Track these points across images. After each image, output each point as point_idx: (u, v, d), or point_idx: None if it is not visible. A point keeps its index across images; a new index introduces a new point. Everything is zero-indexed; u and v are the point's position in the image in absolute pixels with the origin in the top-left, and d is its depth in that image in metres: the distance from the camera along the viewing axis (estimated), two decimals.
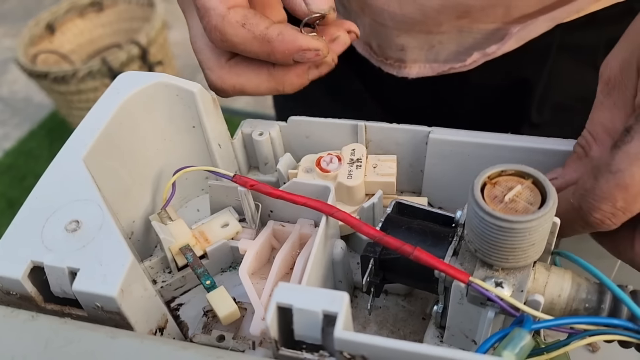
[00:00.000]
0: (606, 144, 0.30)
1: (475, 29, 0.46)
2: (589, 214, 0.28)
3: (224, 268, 0.37)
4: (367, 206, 0.35)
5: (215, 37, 0.33)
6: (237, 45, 0.33)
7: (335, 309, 0.23)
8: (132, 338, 0.25)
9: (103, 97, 0.35)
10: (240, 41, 0.33)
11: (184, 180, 0.40)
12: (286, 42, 0.33)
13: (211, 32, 0.33)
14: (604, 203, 0.27)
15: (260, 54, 0.34)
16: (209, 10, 0.32)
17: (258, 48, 0.33)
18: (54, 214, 0.29)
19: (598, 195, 0.27)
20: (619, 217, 0.27)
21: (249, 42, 0.33)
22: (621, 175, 0.26)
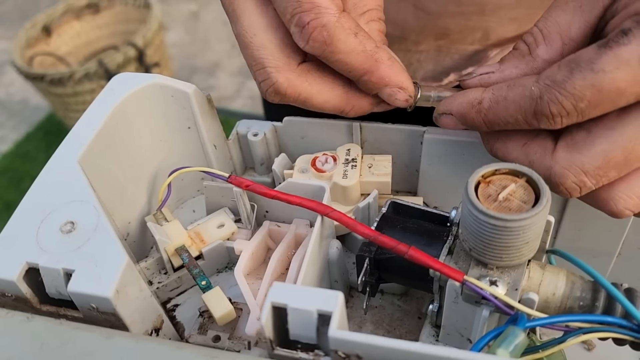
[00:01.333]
0: (556, 45, 0.28)
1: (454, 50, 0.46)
2: (546, 106, 0.26)
3: (220, 268, 0.37)
4: (362, 206, 0.35)
5: (317, 37, 0.29)
6: (337, 54, 0.30)
7: (330, 308, 0.23)
8: (127, 338, 0.25)
9: (98, 99, 0.35)
10: (347, 50, 0.29)
11: (180, 181, 0.40)
12: (392, 70, 0.30)
13: (314, 30, 0.29)
14: (568, 99, 0.25)
15: (355, 70, 0.30)
16: (318, 6, 0.28)
17: (361, 63, 0.30)
18: (49, 215, 0.29)
19: (567, 89, 0.25)
20: (570, 118, 0.26)
21: (354, 54, 0.30)
22: (602, 76, 0.24)
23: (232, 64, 2.00)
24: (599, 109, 0.25)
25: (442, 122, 0.31)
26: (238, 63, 2.00)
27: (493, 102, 0.28)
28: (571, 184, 0.27)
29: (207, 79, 1.95)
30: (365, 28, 0.31)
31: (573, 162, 0.26)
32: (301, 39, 0.30)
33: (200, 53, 2.06)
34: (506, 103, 0.27)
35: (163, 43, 1.66)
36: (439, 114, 0.31)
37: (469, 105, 0.29)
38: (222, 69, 1.99)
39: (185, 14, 2.24)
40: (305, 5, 0.29)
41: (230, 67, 1.99)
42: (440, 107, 0.31)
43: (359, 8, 0.32)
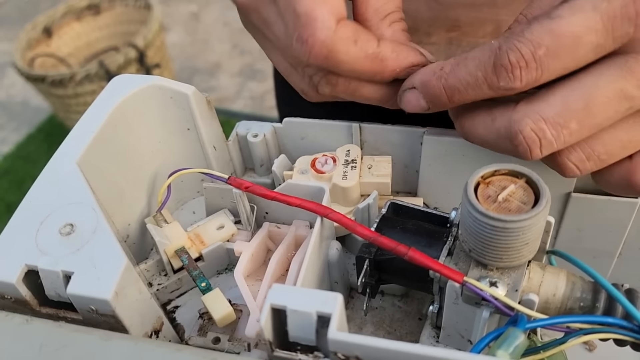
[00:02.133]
0: None
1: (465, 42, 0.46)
2: (504, 55, 0.25)
3: (220, 270, 0.37)
4: (362, 207, 0.35)
5: (318, 53, 0.28)
6: (341, 65, 0.29)
7: (329, 309, 0.23)
8: (126, 341, 0.25)
9: (97, 100, 0.35)
10: (350, 60, 0.29)
11: (180, 182, 0.40)
12: (399, 60, 0.30)
13: (313, 47, 0.28)
14: (526, 45, 0.25)
15: (365, 74, 0.30)
16: (314, 21, 0.28)
17: (367, 67, 0.30)
18: (48, 217, 0.29)
19: (525, 36, 0.25)
20: (529, 71, 0.25)
21: (358, 62, 0.29)
22: (559, 21, 0.25)
23: (232, 64, 2.00)
24: (557, 61, 0.25)
25: (405, 99, 0.30)
26: (239, 64, 2.00)
27: (454, 64, 0.28)
28: (529, 132, 0.26)
29: (207, 79, 1.95)
30: (389, 30, 0.32)
31: (532, 109, 0.26)
32: (304, 56, 0.29)
33: (201, 54, 2.06)
34: (466, 61, 0.27)
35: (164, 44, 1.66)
36: (402, 90, 0.31)
37: (431, 72, 0.29)
38: (222, 70, 1.99)
39: (186, 15, 2.24)
40: (302, 19, 0.28)
41: (231, 68, 1.99)
42: (405, 83, 0.31)
43: (380, 13, 0.32)
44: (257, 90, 1.89)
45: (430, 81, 0.29)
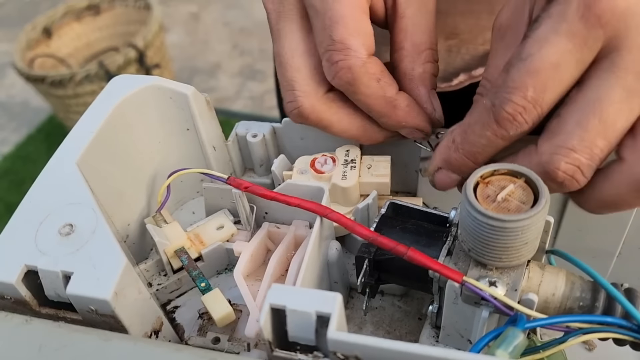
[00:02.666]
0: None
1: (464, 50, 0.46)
2: (500, 110, 0.27)
3: (220, 270, 0.37)
4: (361, 207, 0.35)
5: (343, 77, 0.31)
6: (359, 95, 0.32)
7: (328, 309, 0.23)
8: (126, 341, 0.25)
9: (96, 101, 0.35)
10: (368, 94, 0.32)
11: (179, 182, 0.40)
12: (409, 116, 0.33)
13: (341, 70, 0.31)
14: (515, 94, 0.26)
15: (375, 112, 0.33)
16: (348, 49, 0.30)
17: (379, 107, 0.32)
18: (47, 217, 0.29)
19: (509, 86, 0.26)
20: (529, 112, 0.26)
21: (374, 98, 0.32)
22: (531, 59, 0.26)
23: (232, 65, 2.00)
24: (549, 92, 0.26)
25: (438, 180, 0.32)
26: (238, 64, 2.00)
27: (462, 133, 0.29)
28: (566, 165, 0.26)
29: (207, 80, 1.95)
30: (420, 68, 0.33)
31: (556, 145, 0.26)
32: (329, 74, 0.31)
33: (200, 54, 2.06)
34: (471, 127, 0.28)
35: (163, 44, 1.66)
36: (430, 175, 0.32)
37: (447, 148, 0.30)
38: (222, 70, 1.99)
39: (186, 15, 2.24)
40: (337, 45, 0.30)
41: (231, 68, 1.99)
42: (429, 169, 0.32)
43: (417, 47, 0.33)
44: (256, 90, 1.89)
45: (450, 156, 0.30)
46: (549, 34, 0.26)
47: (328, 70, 0.31)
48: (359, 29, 0.31)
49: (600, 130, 0.26)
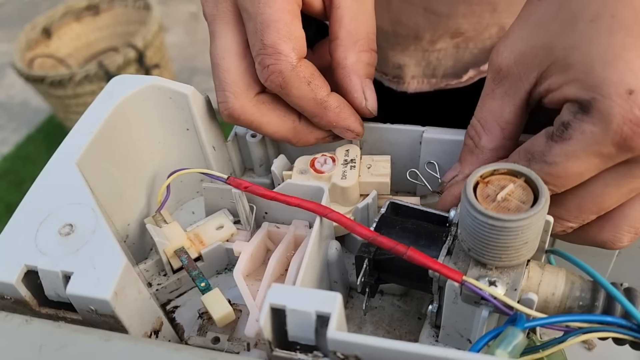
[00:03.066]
0: (495, 132, 0.30)
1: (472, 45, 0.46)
2: None
3: (219, 270, 0.37)
4: (361, 206, 0.35)
5: (274, 80, 0.32)
6: (290, 97, 0.33)
7: (328, 309, 0.23)
8: (126, 341, 0.25)
9: (96, 101, 0.35)
10: (299, 96, 0.33)
11: (179, 182, 0.40)
12: (340, 117, 0.34)
13: (272, 74, 0.32)
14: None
15: (307, 113, 0.34)
16: (279, 54, 0.31)
17: (310, 108, 0.33)
18: (47, 217, 0.29)
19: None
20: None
21: (305, 100, 0.33)
22: (555, 167, 0.27)
23: None
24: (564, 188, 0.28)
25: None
26: None
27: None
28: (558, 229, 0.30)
29: (207, 80, 1.95)
30: (354, 57, 0.34)
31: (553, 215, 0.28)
32: (262, 77, 0.32)
33: (200, 54, 2.06)
34: None
35: (163, 44, 1.66)
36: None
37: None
38: None
39: (185, 15, 2.24)
40: (268, 50, 0.31)
41: None
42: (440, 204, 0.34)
43: (352, 36, 0.34)
44: None
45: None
46: (578, 151, 0.26)
47: (260, 74, 0.32)
48: (289, 34, 0.31)
49: (596, 211, 0.29)
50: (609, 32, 0.25)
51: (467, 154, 0.32)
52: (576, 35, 0.26)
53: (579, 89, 0.26)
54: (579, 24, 0.26)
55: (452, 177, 0.33)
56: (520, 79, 0.29)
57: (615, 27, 0.25)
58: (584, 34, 0.26)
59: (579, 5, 0.26)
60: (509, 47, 0.29)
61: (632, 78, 0.24)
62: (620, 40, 0.25)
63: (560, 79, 0.27)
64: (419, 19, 0.45)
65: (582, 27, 0.26)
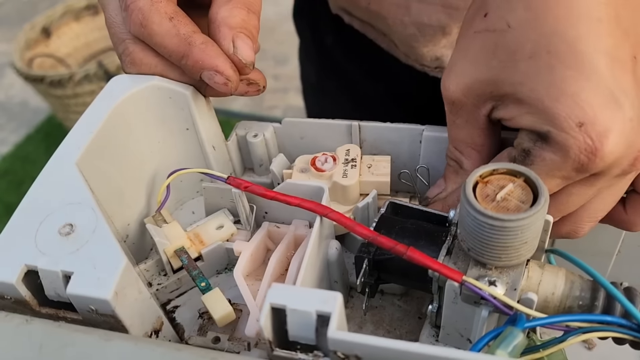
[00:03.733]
0: (473, 156, 0.32)
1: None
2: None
3: (220, 270, 0.37)
4: (361, 206, 0.35)
5: (135, 19, 0.32)
6: (154, 36, 0.32)
7: (329, 309, 0.23)
8: (126, 341, 0.25)
9: (96, 101, 0.35)
10: (161, 33, 0.32)
11: (179, 182, 0.40)
12: (206, 54, 0.32)
13: (132, 13, 0.32)
14: None
15: (174, 54, 0.33)
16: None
17: (175, 46, 0.32)
18: (47, 217, 0.29)
19: None
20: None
21: (168, 37, 0.32)
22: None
23: None
24: None
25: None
26: None
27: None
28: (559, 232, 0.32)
29: None
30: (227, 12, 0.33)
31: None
32: (126, 23, 0.33)
33: None
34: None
35: None
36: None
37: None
38: None
39: None
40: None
41: None
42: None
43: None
44: None
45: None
46: (541, 175, 0.27)
47: (125, 20, 0.33)
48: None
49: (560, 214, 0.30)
50: (549, 68, 0.26)
51: (451, 174, 0.33)
52: (519, 72, 0.27)
53: (534, 121, 0.27)
54: (520, 63, 0.27)
55: (437, 194, 0.34)
56: (476, 108, 0.30)
57: (554, 63, 0.26)
58: (526, 71, 0.27)
59: (514, 43, 0.27)
60: (454, 81, 0.30)
61: (579, 111, 0.25)
62: (560, 75, 0.26)
63: (514, 110, 0.28)
64: (440, 16, 0.45)
65: (522, 65, 0.27)
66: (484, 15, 0.28)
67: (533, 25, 0.27)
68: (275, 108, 1.79)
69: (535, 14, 0.26)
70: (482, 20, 0.28)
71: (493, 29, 0.28)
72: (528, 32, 0.27)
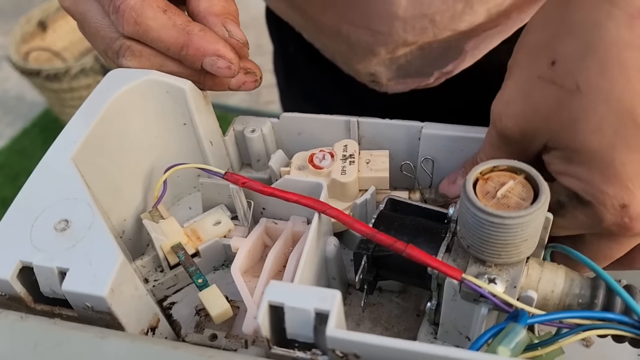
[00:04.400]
0: None
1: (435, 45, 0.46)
2: None
3: (217, 266, 0.37)
4: (360, 202, 0.35)
5: (128, 19, 0.31)
6: (150, 31, 0.31)
7: (327, 307, 0.23)
8: (122, 338, 0.25)
9: (92, 95, 0.34)
10: (157, 26, 0.31)
11: (176, 178, 0.40)
12: (206, 40, 0.32)
13: (124, 13, 0.31)
14: None
15: (172, 46, 0.32)
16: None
17: (174, 38, 0.32)
18: (42, 213, 0.29)
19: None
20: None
21: (165, 30, 0.31)
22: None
23: None
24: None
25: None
26: None
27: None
28: None
29: None
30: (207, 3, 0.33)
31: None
32: (119, 25, 0.32)
33: None
34: None
35: None
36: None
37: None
38: None
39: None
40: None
41: None
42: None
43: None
44: None
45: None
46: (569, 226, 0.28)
47: (116, 22, 0.32)
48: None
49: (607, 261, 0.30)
50: (611, 148, 0.25)
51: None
52: (580, 140, 0.26)
53: (578, 187, 0.27)
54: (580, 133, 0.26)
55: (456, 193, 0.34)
56: (528, 147, 0.29)
57: (618, 144, 0.25)
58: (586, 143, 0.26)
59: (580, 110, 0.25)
60: (511, 119, 0.28)
61: (626, 194, 0.25)
62: (622, 158, 0.25)
63: (562, 166, 0.27)
64: (367, 38, 0.46)
65: (583, 136, 0.26)
66: (552, 62, 0.26)
67: (605, 98, 0.25)
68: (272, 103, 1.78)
69: (611, 85, 0.24)
70: (548, 67, 0.26)
71: (560, 84, 0.26)
72: (598, 103, 0.25)
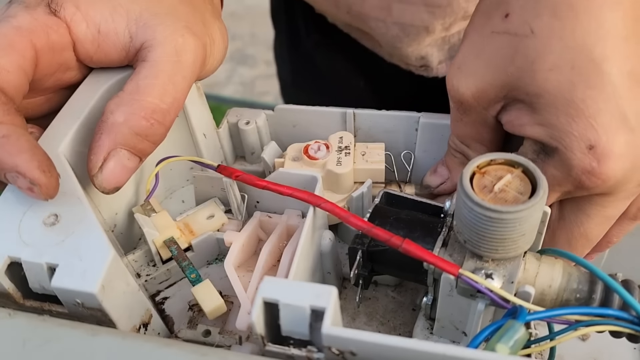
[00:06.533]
0: (481, 149, 0.31)
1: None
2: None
3: (210, 260, 0.36)
4: (356, 196, 0.34)
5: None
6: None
7: (323, 304, 0.23)
8: (113, 335, 0.25)
9: (82, 86, 0.34)
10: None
11: (168, 170, 0.39)
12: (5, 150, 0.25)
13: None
14: None
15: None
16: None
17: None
18: (31, 207, 0.28)
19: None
20: None
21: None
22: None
23: None
24: None
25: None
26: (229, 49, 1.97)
27: None
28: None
29: None
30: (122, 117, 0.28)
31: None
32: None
33: None
34: None
35: None
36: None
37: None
38: None
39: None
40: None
41: None
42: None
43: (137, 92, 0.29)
44: (247, 75, 1.87)
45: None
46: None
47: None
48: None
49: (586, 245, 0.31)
50: (570, 85, 0.25)
51: (457, 165, 0.33)
52: (537, 83, 0.26)
53: (543, 134, 0.27)
54: (539, 73, 0.26)
55: (439, 184, 0.34)
56: (485, 110, 0.29)
57: (576, 80, 0.25)
58: (545, 83, 0.26)
59: (536, 51, 0.26)
60: (463, 82, 0.29)
61: (593, 133, 0.25)
62: (581, 95, 0.25)
63: (525, 118, 0.27)
64: (423, 15, 0.45)
65: (541, 76, 0.26)
66: (505, 15, 0.27)
67: (559, 36, 0.25)
68: (267, 94, 1.77)
69: (563, 24, 0.25)
70: (502, 20, 0.27)
71: (514, 32, 0.27)
72: (552, 42, 0.25)
